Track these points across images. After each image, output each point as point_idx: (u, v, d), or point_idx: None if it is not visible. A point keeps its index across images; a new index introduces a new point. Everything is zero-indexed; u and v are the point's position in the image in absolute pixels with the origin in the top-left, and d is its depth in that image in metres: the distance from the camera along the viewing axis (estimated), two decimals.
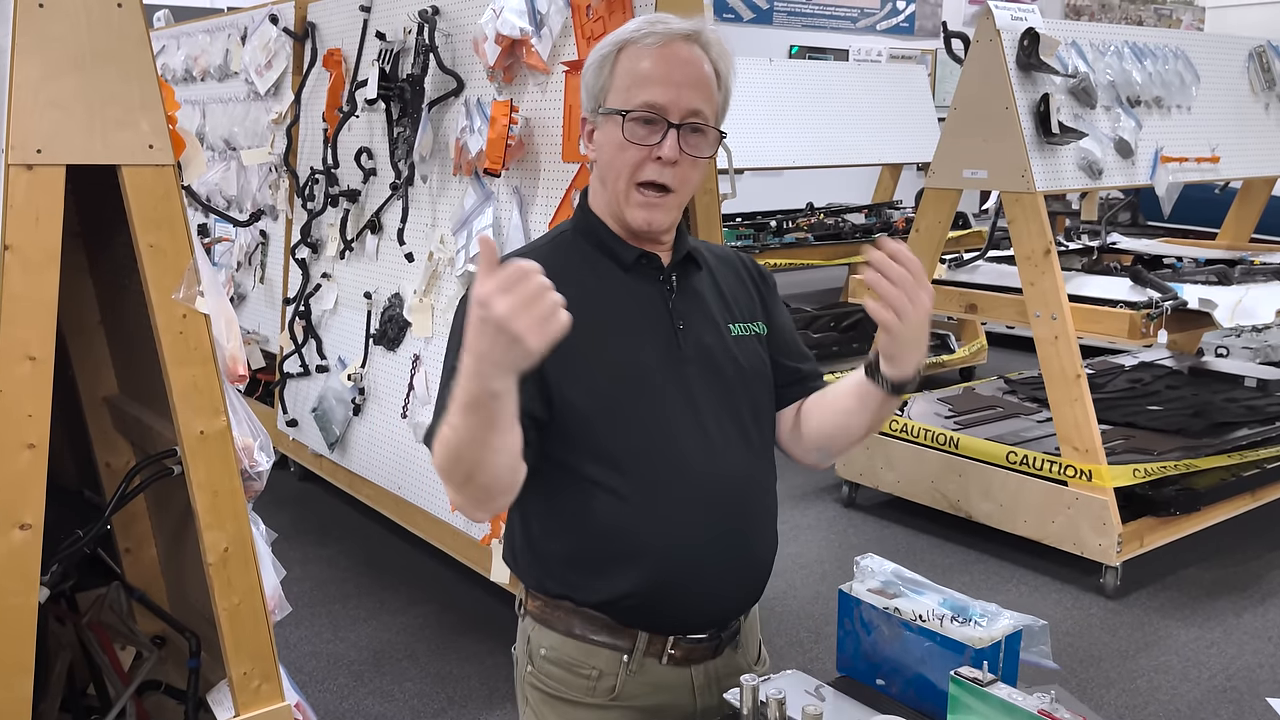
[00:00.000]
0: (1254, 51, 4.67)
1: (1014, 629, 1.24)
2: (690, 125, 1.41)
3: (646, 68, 1.40)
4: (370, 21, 3.99)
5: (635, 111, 1.40)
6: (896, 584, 1.38)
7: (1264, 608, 3.62)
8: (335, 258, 4.24)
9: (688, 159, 1.42)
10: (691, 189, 1.49)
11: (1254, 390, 4.86)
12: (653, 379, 1.45)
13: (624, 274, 1.49)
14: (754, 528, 1.51)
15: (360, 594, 3.70)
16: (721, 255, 1.65)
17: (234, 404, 2.15)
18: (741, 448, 1.49)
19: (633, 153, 1.41)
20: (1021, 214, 3.74)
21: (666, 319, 1.48)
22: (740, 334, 1.55)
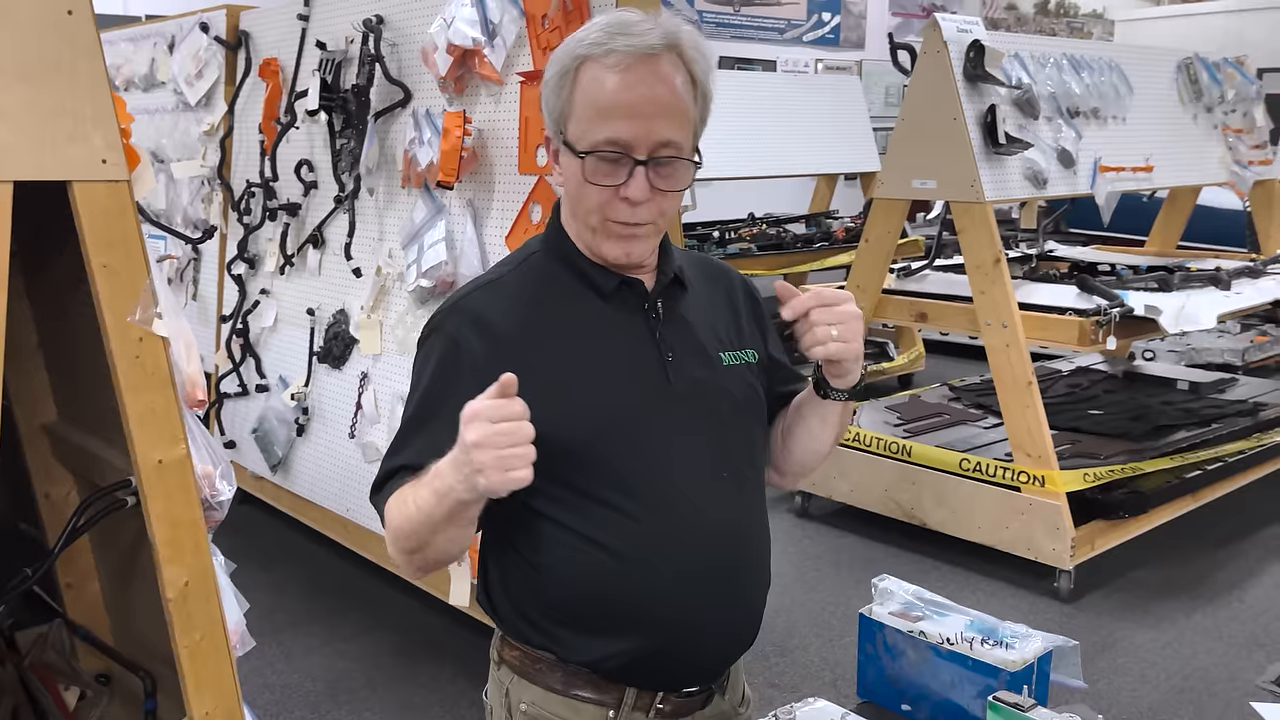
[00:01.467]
0: (1182, 64, 4.81)
1: (1045, 650, 1.21)
2: (659, 158, 1.27)
3: (609, 95, 1.25)
4: (309, 30, 3.87)
5: (597, 151, 1.26)
6: (918, 606, 1.35)
7: (1212, 607, 3.70)
8: (275, 273, 4.10)
9: (659, 193, 1.28)
10: (672, 214, 1.35)
11: (1187, 393, 5.00)
12: (640, 422, 1.33)
13: (604, 304, 1.36)
14: (750, 578, 1.42)
15: (311, 621, 3.57)
16: (709, 272, 1.51)
17: (193, 430, 2.04)
18: (736, 491, 1.39)
19: (596, 194, 1.28)
20: (971, 224, 3.77)
21: (654, 352, 1.36)
22: (731, 363, 1.42)
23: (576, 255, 1.37)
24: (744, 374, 1.43)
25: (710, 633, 1.36)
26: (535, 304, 1.36)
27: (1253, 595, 3.80)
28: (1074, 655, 1.24)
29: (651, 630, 1.32)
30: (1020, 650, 1.19)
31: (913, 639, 1.29)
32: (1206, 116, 4.90)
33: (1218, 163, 4.91)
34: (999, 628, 1.24)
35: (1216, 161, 4.91)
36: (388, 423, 3.50)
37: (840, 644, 3.46)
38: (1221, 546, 4.22)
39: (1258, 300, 4.24)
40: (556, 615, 1.35)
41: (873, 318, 4.39)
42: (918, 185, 3.96)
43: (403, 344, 3.45)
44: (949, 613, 1.34)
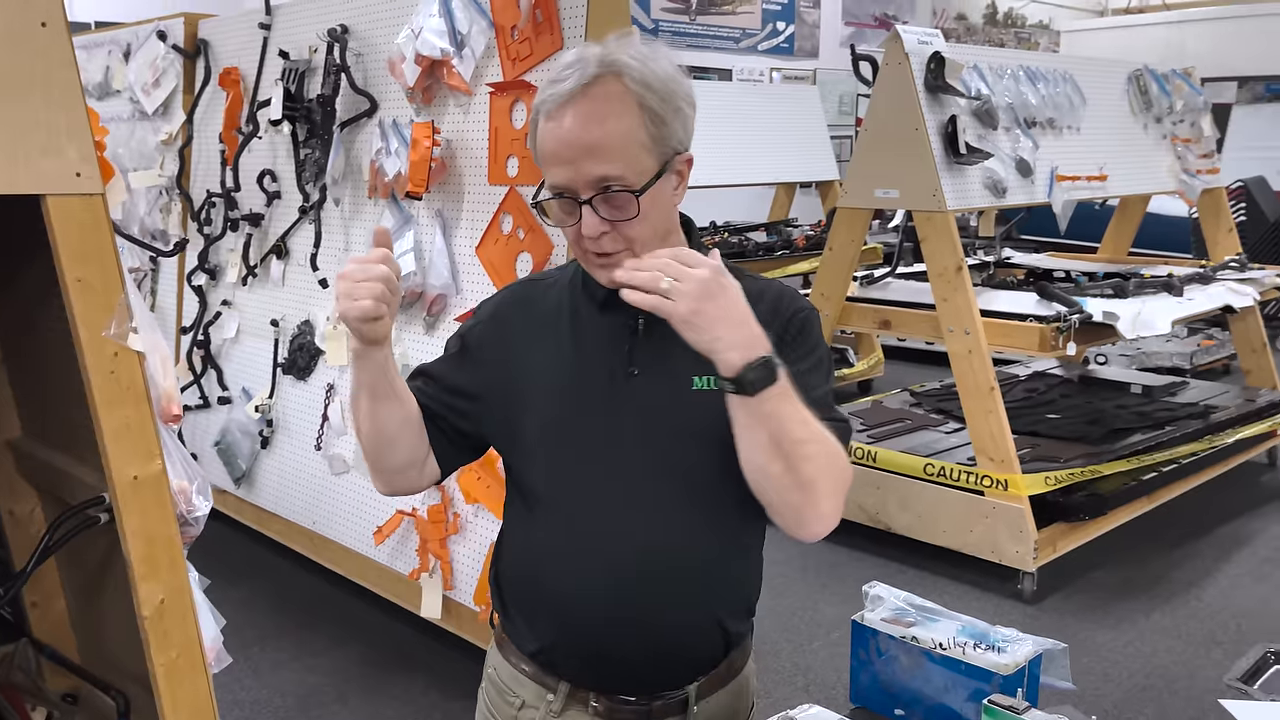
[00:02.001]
0: (1132, 75, 4.92)
1: (1036, 653, 1.24)
2: (602, 196, 1.31)
3: (546, 145, 1.34)
4: (271, 39, 3.84)
5: (550, 197, 1.36)
6: (910, 612, 1.37)
7: (1170, 606, 3.79)
8: (237, 284, 4.06)
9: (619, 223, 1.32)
10: (651, 232, 1.36)
11: (1141, 396, 5.11)
12: (582, 426, 1.40)
13: (598, 313, 1.43)
14: (662, 600, 1.37)
15: (279, 636, 3.53)
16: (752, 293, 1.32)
17: (168, 445, 2.02)
18: (672, 513, 1.37)
19: (568, 230, 1.37)
20: (934, 232, 3.83)
21: (620, 365, 1.40)
22: (704, 388, 1.37)
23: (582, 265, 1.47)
24: (715, 400, 1.33)
25: (614, 645, 1.38)
26: (549, 306, 1.49)
27: (1209, 594, 3.89)
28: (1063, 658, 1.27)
29: (562, 628, 1.41)
30: (1012, 654, 1.22)
31: (905, 644, 1.31)
32: (1156, 126, 5.02)
33: (1167, 171, 5.03)
34: (990, 632, 1.27)
35: (1166, 170, 5.03)
36: (355, 435, 3.47)
37: (811, 648, 3.50)
38: (1177, 547, 4.32)
39: (1209, 306, 4.35)
40: (505, 593, 1.49)
41: (837, 325, 4.44)
42: (880, 195, 4.01)
43: None
44: (940, 618, 1.36)
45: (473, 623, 3.07)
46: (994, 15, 14.65)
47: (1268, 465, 5.31)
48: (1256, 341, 5.30)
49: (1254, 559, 4.21)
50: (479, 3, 3.00)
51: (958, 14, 14.04)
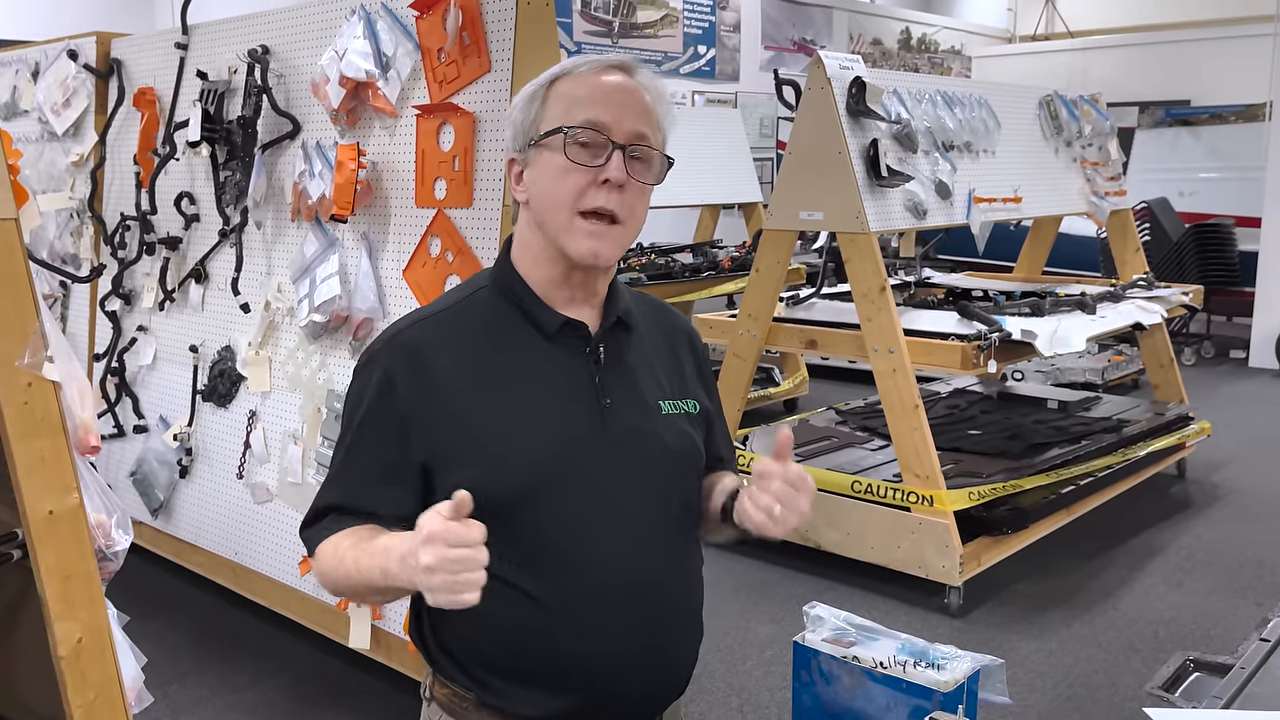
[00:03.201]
0: (1043, 100, 5.08)
1: (974, 669, 1.26)
2: (634, 150, 1.32)
3: (584, 92, 1.33)
4: (188, 59, 3.76)
5: (577, 129, 1.30)
6: (850, 631, 1.38)
7: (1090, 616, 3.89)
8: (153, 309, 3.95)
9: (634, 186, 1.31)
10: (638, 223, 1.37)
11: (1057, 411, 5.25)
12: (574, 466, 1.33)
13: (546, 343, 1.37)
14: (681, 630, 1.42)
15: (199, 672, 3.42)
16: (656, 316, 1.52)
17: (85, 478, 1.95)
18: (669, 542, 1.39)
19: (575, 177, 1.30)
20: (857, 253, 3.90)
21: (592, 397, 1.35)
22: (670, 412, 1.42)
23: (524, 293, 1.38)
24: (682, 423, 1.43)
25: (635, 690, 1.36)
26: (477, 341, 1.37)
27: (1125, 603, 4.00)
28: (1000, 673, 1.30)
29: (575, 685, 1.32)
30: (951, 671, 1.24)
31: (847, 664, 1.32)
32: (1066, 150, 5.18)
33: (1078, 193, 5.20)
34: (929, 650, 1.29)
35: (1077, 192, 5.20)
36: (278, 462, 3.40)
37: (744, 669, 3.51)
38: (1094, 557, 4.44)
39: (1120, 323, 4.49)
40: (483, 660, 1.35)
41: (765, 345, 4.48)
42: (805, 216, 4.07)
43: (294, 380, 3.36)
44: (880, 637, 1.38)
45: (403, 652, 3.01)
46: (908, 41, 15.03)
47: (1177, 477, 5.49)
48: (1164, 357, 5.49)
49: (1167, 567, 4.34)
50: (404, 25, 2.98)
51: (873, 39, 14.36)
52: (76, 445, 1.91)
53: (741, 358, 4.49)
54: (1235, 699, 1.87)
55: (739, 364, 4.50)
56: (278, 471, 3.41)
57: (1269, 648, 2.12)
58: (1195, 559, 4.43)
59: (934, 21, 15.44)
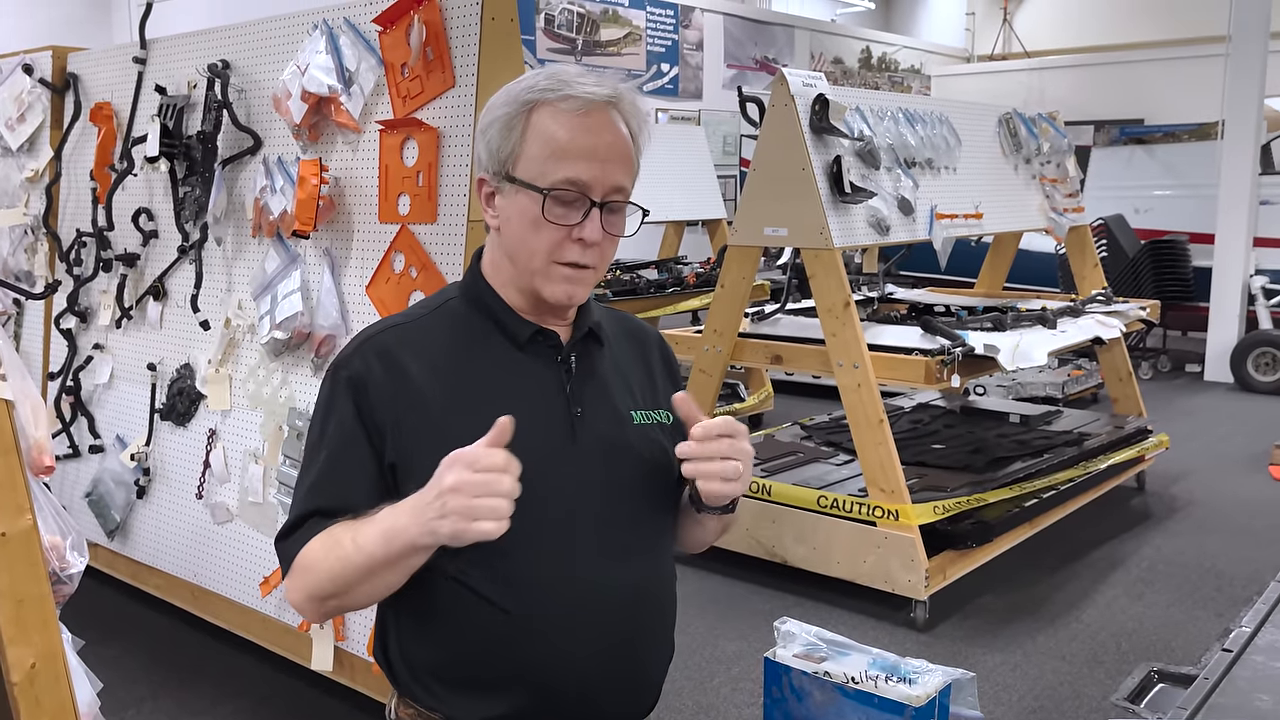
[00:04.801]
0: (1003, 118, 5.15)
1: (945, 683, 1.26)
2: (611, 204, 1.31)
3: (566, 137, 1.28)
4: (147, 74, 3.72)
5: (557, 190, 1.28)
6: (821, 647, 1.37)
7: (1054, 628, 3.91)
8: (110, 327, 3.88)
9: (608, 238, 1.32)
10: (608, 263, 1.38)
11: (1019, 425, 5.30)
12: (544, 477, 1.30)
13: (517, 352, 1.37)
14: (650, 642, 1.41)
15: (156, 697, 3.35)
16: (626, 329, 1.52)
17: (39, 499, 1.91)
18: (640, 553, 1.38)
19: (550, 233, 1.29)
20: (821, 269, 3.92)
21: (563, 406, 1.35)
22: (642, 422, 1.42)
23: (495, 303, 1.38)
24: (655, 434, 1.43)
25: (607, 704, 1.35)
26: (447, 349, 1.36)
27: (1088, 615, 4.03)
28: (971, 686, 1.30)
29: (545, 700, 1.31)
30: (922, 685, 1.23)
31: (819, 680, 1.31)
32: (1026, 167, 5.25)
33: (1038, 210, 5.27)
34: (900, 664, 1.28)
35: (1036, 209, 5.27)
36: (239, 482, 3.35)
37: (712, 685, 3.49)
38: (1058, 570, 4.47)
39: (1080, 337, 4.55)
40: (450, 676, 1.33)
41: (730, 360, 4.48)
42: (770, 232, 4.09)
43: (255, 398, 3.31)
44: (851, 651, 1.37)
45: (367, 674, 2.97)
46: (869, 60, 15.21)
47: (1137, 489, 5.56)
48: (1123, 371, 5.57)
49: (1128, 579, 4.39)
50: (368, 40, 2.96)
51: (834, 58, 14.51)
52: (30, 465, 1.87)
53: (707, 373, 4.49)
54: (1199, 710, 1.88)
55: (705, 379, 4.50)
56: (238, 491, 3.35)
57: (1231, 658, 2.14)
58: (1156, 570, 4.48)
59: (894, 41, 15.65)
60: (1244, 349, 8.16)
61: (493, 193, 1.35)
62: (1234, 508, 5.30)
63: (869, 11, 16.03)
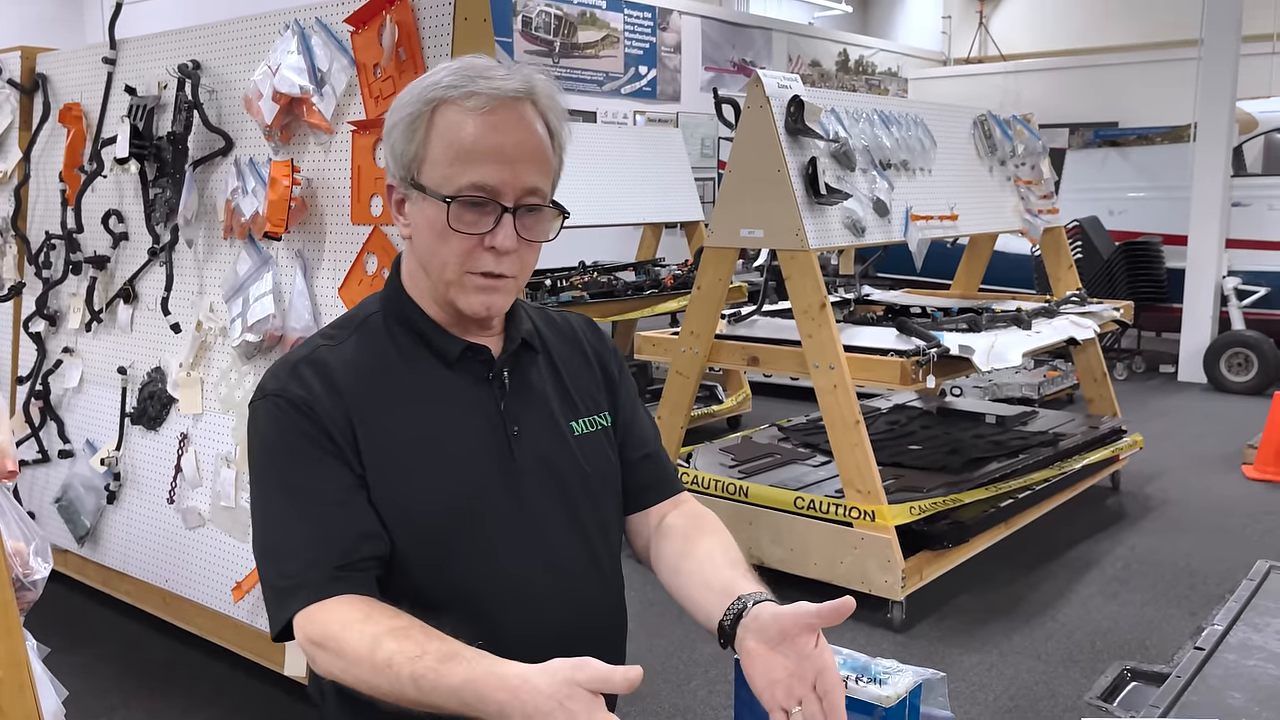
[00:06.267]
0: (977, 120, 5.17)
1: (916, 683, 1.25)
2: (526, 206, 1.23)
3: (471, 138, 1.19)
4: (116, 75, 3.68)
5: (463, 197, 1.19)
6: None
7: (1029, 628, 3.93)
8: (80, 330, 3.84)
9: (525, 244, 1.24)
10: (531, 269, 1.29)
11: (995, 426, 5.32)
12: (483, 501, 1.25)
13: (447, 370, 1.29)
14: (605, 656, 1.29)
15: (127, 705, 3.30)
16: (562, 329, 1.45)
17: (2, 504, 1.88)
18: (591, 573, 1.32)
19: (459, 242, 1.20)
20: (797, 270, 3.92)
21: (499, 426, 1.28)
22: (585, 431, 1.36)
23: (419, 317, 1.30)
24: (598, 442, 1.37)
25: None
26: (376, 370, 1.27)
27: (1064, 614, 4.05)
28: (942, 686, 1.29)
29: None
30: (893, 685, 1.23)
31: None
32: (1000, 169, 5.28)
33: (1012, 211, 5.29)
34: (871, 664, 1.27)
35: (1011, 210, 5.29)
36: (211, 486, 3.31)
37: (689, 689, 3.48)
38: (1034, 570, 4.49)
39: (1055, 338, 4.57)
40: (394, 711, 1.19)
41: (707, 362, 4.48)
42: (746, 234, 4.09)
43: (226, 401, 3.28)
44: None
45: None
46: (846, 63, 15.25)
47: (1111, 489, 5.59)
48: (1097, 371, 5.60)
49: (1103, 578, 4.41)
50: (339, 40, 2.94)
51: (812, 60, 14.55)
52: None
53: (684, 375, 4.48)
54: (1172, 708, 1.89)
55: (682, 381, 4.50)
56: (210, 495, 3.32)
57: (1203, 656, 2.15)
58: (1131, 569, 4.51)
59: (871, 44, 15.70)
60: (1217, 350, 8.23)
61: (402, 199, 1.27)
62: (1207, 507, 5.34)
63: (846, 14, 16.09)
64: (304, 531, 1.19)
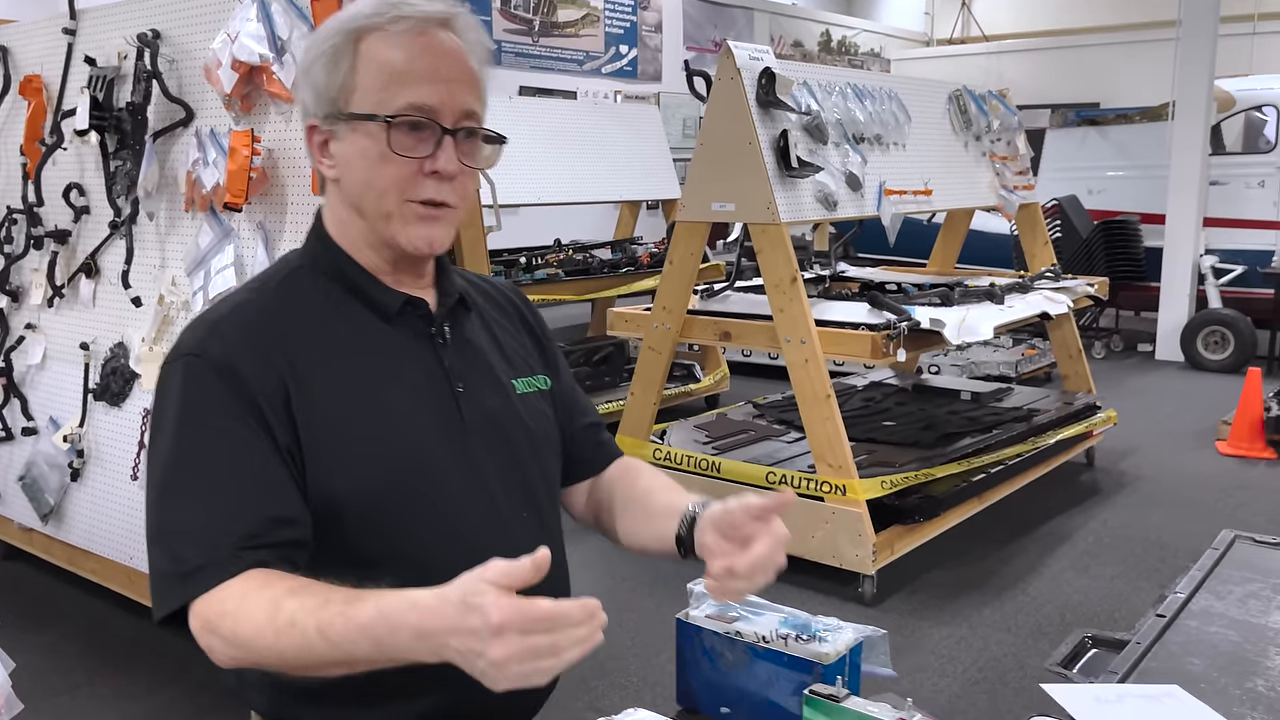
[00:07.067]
0: (953, 95, 5.15)
1: (856, 641, 1.24)
2: (466, 129, 1.19)
3: (403, 60, 1.15)
4: (76, 45, 3.62)
5: (402, 116, 1.14)
6: (733, 607, 1.35)
7: (1000, 601, 3.93)
8: (42, 306, 3.79)
9: (465, 170, 1.19)
10: (470, 201, 1.24)
11: (970, 403, 5.32)
12: (431, 461, 1.20)
13: (385, 325, 1.23)
14: None
15: (92, 683, 3.27)
16: (491, 294, 1.40)
17: None
18: (539, 534, 1.27)
19: (399, 167, 1.16)
20: (769, 244, 3.90)
21: (443, 382, 1.24)
22: (525, 390, 1.33)
23: (352, 269, 1.23)
24: (537, 402, 1.34)
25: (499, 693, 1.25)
26: (307, 327, 1.20)
27: (1035, 588, 4.06)
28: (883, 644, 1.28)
29: (444, 688, 1.16)
30: (833, 643, 1.22)
31: (729, 640, 1.29)
32: (975, 144, 5.26)
33: (987, 187, 5.28)
34: (812, 622, 1.26)
35: (986, 186, 5.28)
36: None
37: (658, 660, 3.48)
38: (1005, 544, 4.50)
39: (1027, 313, 4.56)
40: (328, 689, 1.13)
41: (680, 338, 4.46)
42: (717, 208, 4.06)
43: None
44: (764, 611, 1.35)
45: None
46: (829, 43, 15.21)
47: (1086, 465, 5.61)
48: (1073, 348, 5.60)
49: (1075, 552, 4.42)
50: (300, 8, 2.89)
51: (794, 41, 14.50)
52: None
53: (657, 350, 4.46)
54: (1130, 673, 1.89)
55: (654, 357, 4.47)
56: None
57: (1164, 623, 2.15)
58: (1102, 543, 4.52)
59: (854, 24, 15.66)
60: (1194, 328, 8.26)
61: (325, 139, 1.21)
62: (1180, 482, 5.36)
63: None
64: (209, 511, 1.10)
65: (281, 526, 1.10)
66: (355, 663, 1.01)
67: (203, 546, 1.08)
